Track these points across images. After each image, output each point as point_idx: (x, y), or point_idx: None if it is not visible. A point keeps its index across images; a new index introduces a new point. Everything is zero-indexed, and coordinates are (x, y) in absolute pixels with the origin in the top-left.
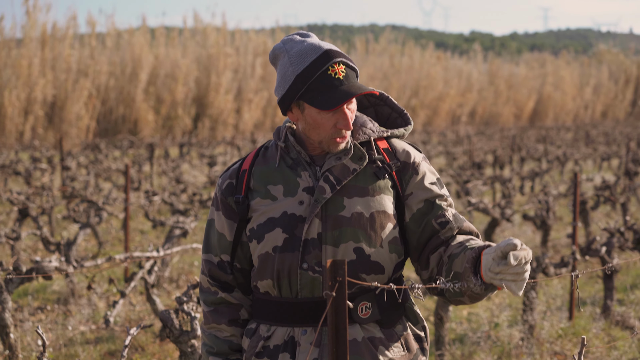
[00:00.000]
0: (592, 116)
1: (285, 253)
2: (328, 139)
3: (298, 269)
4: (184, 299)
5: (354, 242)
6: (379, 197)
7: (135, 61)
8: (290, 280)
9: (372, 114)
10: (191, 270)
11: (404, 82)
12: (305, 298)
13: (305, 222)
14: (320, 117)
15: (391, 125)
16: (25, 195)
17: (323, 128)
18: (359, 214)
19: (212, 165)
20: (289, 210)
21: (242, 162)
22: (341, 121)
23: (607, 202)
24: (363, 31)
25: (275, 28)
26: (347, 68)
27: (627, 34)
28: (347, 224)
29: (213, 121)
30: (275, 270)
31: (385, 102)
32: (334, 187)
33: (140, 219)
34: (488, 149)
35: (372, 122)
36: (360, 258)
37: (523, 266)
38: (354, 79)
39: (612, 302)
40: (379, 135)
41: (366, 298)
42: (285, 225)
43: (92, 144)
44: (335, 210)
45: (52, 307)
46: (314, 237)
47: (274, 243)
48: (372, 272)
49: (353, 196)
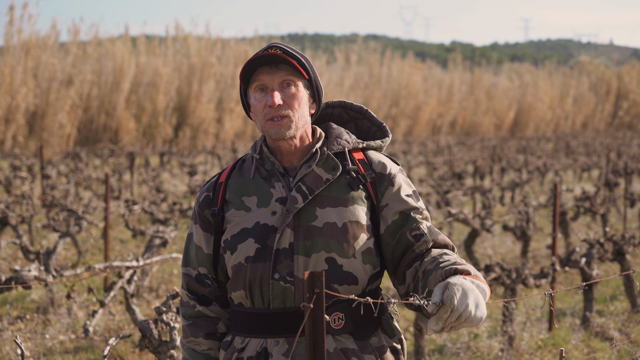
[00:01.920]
0: (573, 127)
1: (257, 263)
2: (264, 123)
3: (270, 279)
4: (163, 309)
5: (325, 252)
6: (352, 207)
7: (117, 70)
8: (262, 291)
9: (352, 127)
10: (171, 280)
11: (384, 91)
12: (277, 308)
13: (277, 232)
14: (255, 100)
15: (371, 138)
16: (5, 203)
17: (258, 111)
18: (332, 224)
19: (192, 174)
20: (262, 221)
21: (220, 175)
22: (269, 99)
23: (587, 213)
24: (344, 41)
25: (257, 37)
26: (282, 52)
27: (607, 44)
28: (319, 234)
29: (194, 130)
30: (247, 281)
31: (365, 116)
32: (306, 197)
33: (120, 228)
34: (468, 159)
35: (348, 134)
36: (332, 268)
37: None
38: (285, 57)
39: (591, 314)
40: (354, 146)
41: (339, 309)
42: (258, 235)
43: (73, 152)
44: (307, 220)
45: (32, 317)
46: (285, 247)
47: (247, 253)
48: (345, 283)
49: (326, 206)
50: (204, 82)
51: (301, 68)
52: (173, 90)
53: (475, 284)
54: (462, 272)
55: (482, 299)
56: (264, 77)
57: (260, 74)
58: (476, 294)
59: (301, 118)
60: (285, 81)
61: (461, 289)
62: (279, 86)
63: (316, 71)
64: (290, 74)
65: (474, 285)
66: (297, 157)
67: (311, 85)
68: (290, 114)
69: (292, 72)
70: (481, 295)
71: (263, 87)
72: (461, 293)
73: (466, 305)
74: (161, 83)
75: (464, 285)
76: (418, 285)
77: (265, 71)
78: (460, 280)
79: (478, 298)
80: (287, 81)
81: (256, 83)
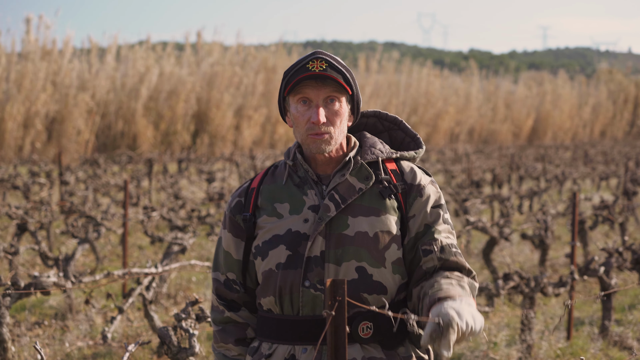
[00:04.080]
0: (591, 135)
1: (287, 270)
2: (305, 137)
3: (300, 286)
4: (182, 315)
5: (356, 261)
6: (384, 217)
7: (137, 76)
8: (292, 298)
9: (386, 138)
10: (189, 287)
11: (403, 99)
12: (306, 316)
13: (309, 240)
14: (297, 112)
15: (404, 149)
16: (24, 209)
17: (299, 124)
18: (363, 233)
19: (210, 181)
20: (294, 228)
21: (252, 180)
22: (313, 115)
23: (605, 221)
24: (362, 48)
25: (277, 44)
26: (327, 65)
27: (626, 53)
28: (350, 243)
29: (212, 137)
30: (277, 287)
31: (399, 127)
32: (338, 206)
33: (138, 235)
34: (487, 168)
35: (382, 144)
36: (362, 277)
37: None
38: (332, 71)
39: (610, 322)
40: (387, 156)
41: (367, 318)
42: (289, 242)
43: (91, 158)
44: (338, 228)
45: (50, 323)
46: (316, 255)
47: (277, 260)
48: (374, 292)
49: (358, 215)
50: (224, 89)
51: (345, 84)
52: (194, 97)
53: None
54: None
55: (474, 309)
56: (309, 91)
57: (306, 87)
58: (467, 309)
59: (341, 133)
60: (329, 97)
61: (454, 311)
62: (323, 102)
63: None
64: (335, 89)
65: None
66: (332, 165)
67: (352, 100)
68: (331, 130)
69: (337, 87)
70: (471, 307)
71: (306, 100)
72: (457, 314)
73: (466, 322)
74: (183, 91)
75: (454, 307)
76: (418, 306)
77: (311, 85)
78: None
79: (471, 311)
80: (332, 97)
81: (300, 95)
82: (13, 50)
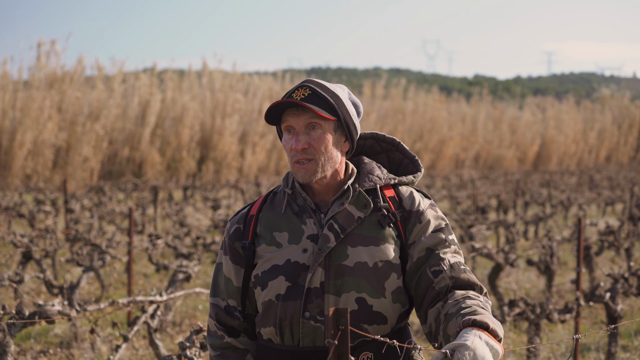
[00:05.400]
0: (596, 160)
1: (287, 302)
2: (292, 165)
3: (300, 317)
4: (186, 344)
5: (356, 292)
6: (383, 246)
7: (143, 104)
8: (292, 329)
9: (384, 159)
10: (194, 315)
11: (409, 125)
12: (307, 347)
13: (309, 271)
14: (284, 140)
15: (402, 171)
16: (29, 237)
17: (286, 152)
18: (362, 263)
19: (215, 208)
20: (293, 258)
21: (251, 207)
22: (293, 142)
23: (611, 247)
24: (367, 75)
25: (281, 71)
26: (311, 92)
27: (630, 78)
28: (350, 274)
29: (217, 164)
30: (277, 319)
31: (397, 148)
32: (338, 236)
33: (143, 263)
34: (492, 193)
35: (380, 170)
36: (362, 308)
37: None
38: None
39: (616, 348)
40: (385, 182)
41: (368, 348)
42: (289, 273)
43: (97, 186)
44: (338, 259)
45: (55, 351)
46: (316, 286)
47: (277, 291)
48: (375, 323)
49: (357, 245)
50: (227, 116)
51: (324, 112)
52: (197, 124)
53: (489, 345)
54: (481, 325)
55: (492, 346)
56: (291, 119)
57: (288, 116)
58: (485, 349)
59: (329, 160)
60: (310, 124)
61: (472, 354)
62: (305, 128)
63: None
64: (314, 116)
65: (487, 349)
66: (330, 193)
67: (341, 126)
68: (316, 157)
69: (317, 114)
70: (489, 345)
71: (291, 129)
72: (472, 353)
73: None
74: (187, 117)
75: (476, 350)
76: (439, 328)
77: (292, 113)
78: (475, 342)
79: (486, 353)
80: (312, 124)
81: (284, 124)
82: (20, 77)
